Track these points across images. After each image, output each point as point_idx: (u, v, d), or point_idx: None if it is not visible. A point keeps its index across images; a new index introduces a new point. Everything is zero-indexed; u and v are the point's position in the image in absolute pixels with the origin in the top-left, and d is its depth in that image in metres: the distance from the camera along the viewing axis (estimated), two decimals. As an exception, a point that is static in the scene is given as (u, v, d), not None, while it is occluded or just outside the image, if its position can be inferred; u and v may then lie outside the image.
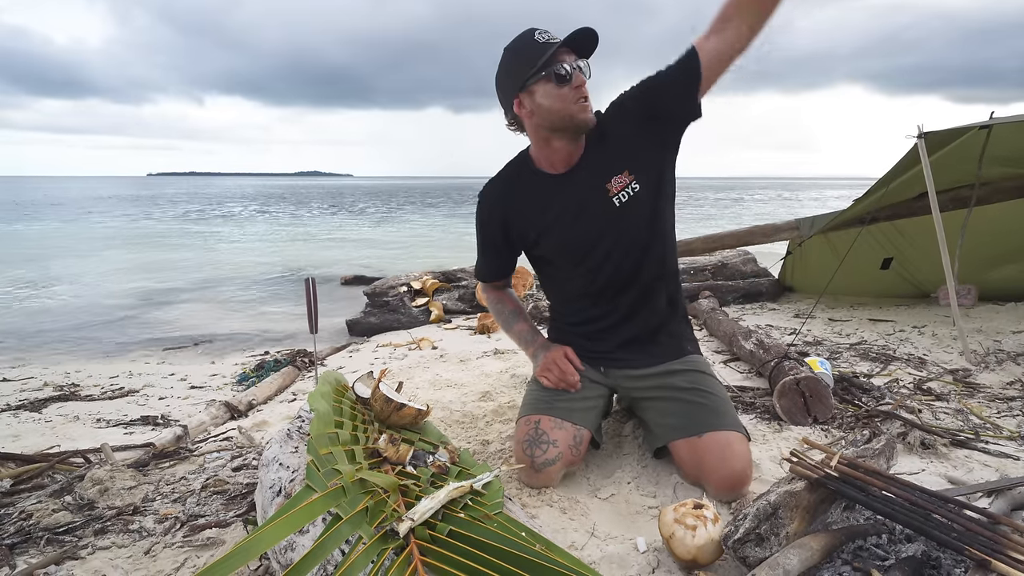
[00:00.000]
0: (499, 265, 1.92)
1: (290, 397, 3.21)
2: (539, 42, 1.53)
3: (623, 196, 1.64)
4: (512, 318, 1.93)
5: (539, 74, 1.53)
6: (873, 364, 2.92)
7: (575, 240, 1.71)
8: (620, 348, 1.78)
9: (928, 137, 3.05)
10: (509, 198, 1.76)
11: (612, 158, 1.65)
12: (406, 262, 10.73)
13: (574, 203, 1.67)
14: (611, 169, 1.65)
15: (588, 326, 1.81)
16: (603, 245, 1.69)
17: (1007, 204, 3.89)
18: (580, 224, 1.69)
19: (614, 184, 1.64)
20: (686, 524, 1.27)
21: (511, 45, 1.58)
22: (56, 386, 3.67)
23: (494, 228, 1.81)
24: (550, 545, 1.05)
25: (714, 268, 5.05)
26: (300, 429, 1.48)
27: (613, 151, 1.65)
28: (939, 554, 1.17)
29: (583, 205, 1.67)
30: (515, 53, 1.57)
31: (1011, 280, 4.19)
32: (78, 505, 1.68)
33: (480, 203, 1.83)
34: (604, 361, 1.80)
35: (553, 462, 1.64)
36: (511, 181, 1.76)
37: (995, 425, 2.12)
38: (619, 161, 1.64)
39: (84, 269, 10.25)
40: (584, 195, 1.67)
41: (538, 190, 1.71)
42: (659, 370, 1.75)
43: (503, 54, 1.60)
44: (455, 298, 5.18)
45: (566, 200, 1.68)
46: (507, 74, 1.59)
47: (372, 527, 1.03)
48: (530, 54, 1.53)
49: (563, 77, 1.52)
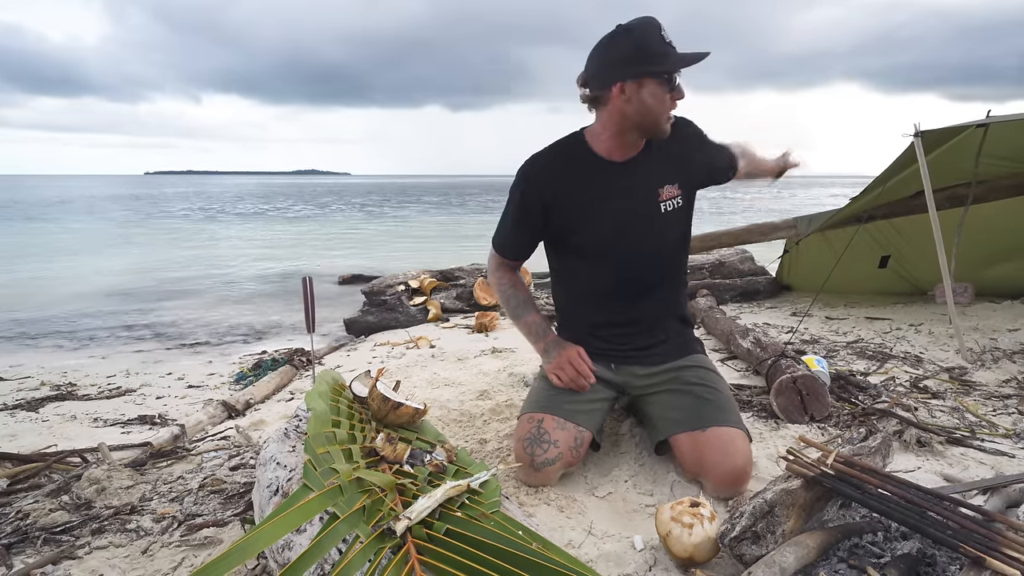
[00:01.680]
0: (525, 241, 1.81)
1: (287, 396, 3.20)
2: (666, 41, 1.54)
3: (668, 205, 1.72)
4: (523, 308, 1.84)
5: (660, 75, 1.55)
6: (870, 362, 2.93)
7: (616, 232, 1.71)
8: (632, 346, 1.80)
9: (925, 136, 3.06)
10: (560, 175, 1.71)
11: (668, 168, 1.72)
12: (404, 261, 10.73)
13: (625, 196, 1.70)
14: (664, 177, 1.72)
15: (603, 324, 1.81)
16: (639, 245, 1.73)
17: (1004, 202, 3.90)
18: (625, 218, 1.71)
19: (665, 191, 1.72)
20: (683, 522, 1.27)
21: (635, 32, 1.55)
22: (53, 385, 3.66)
23: (534, 201, 1.72)
24: (547, 543, 1.05)
25: (712, 266, 5.06)
26: (297, 428, 1.48)
27: (671, 161, 1.72)
28: (934, 551, 1.18)
29: (633, 202, 1.70)
30: (640, 44, 1.54)
31: (1007, 278, 4.20)
32: (75, 505, 1.67)
33: (524, 174, 1.74)
34: (615, 358, 1.80)
35: (552, 462, 1.64)
36: (564, 158, 1.72)
37: (991, 423, 2.12)
38: (673, 173, 1.73)
39: (79, 268, 10.23)
40: (635, 192, 1.70)
41: (590, 172, 1.70)
42: (667, 367, 1.78)
43: (621, 35, 1.57)
44: (453, 297, 5.18)
45: (618, 190, 1.70)
46: (623, 57, 1.56)
47: (369, 526, 1.03)
48: (657, 52, 1.54)
49: (675, 89, 1.59)
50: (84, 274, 9.60)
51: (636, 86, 1.56)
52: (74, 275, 9.49)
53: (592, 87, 1.63)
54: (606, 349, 1.81)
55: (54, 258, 11.64)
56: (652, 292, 1.78)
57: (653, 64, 1.54)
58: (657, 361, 1.79)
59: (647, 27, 1.55)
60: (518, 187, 1.75)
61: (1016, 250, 4.15)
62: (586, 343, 1.80)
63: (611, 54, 1.58)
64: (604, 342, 1.81)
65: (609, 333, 1.81)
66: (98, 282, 8.76)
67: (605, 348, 1.81)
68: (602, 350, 1.80)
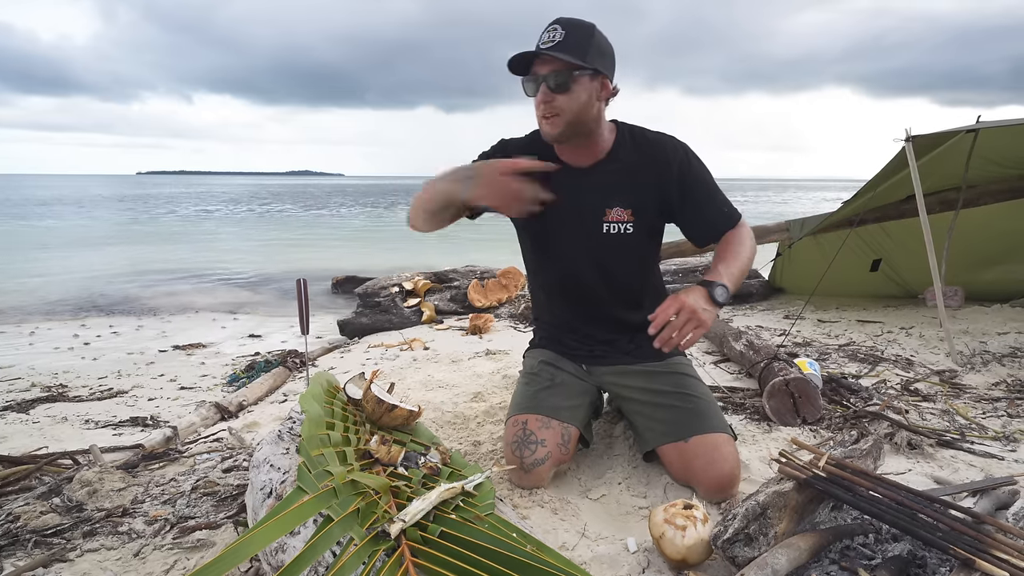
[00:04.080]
0: None
1: (281, 398, 3.19)
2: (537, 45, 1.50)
3: (614, 228, 1.65)
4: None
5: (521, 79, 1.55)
6: (861, 365, 2.95)
7: (553, 234, 1.71)
8: (599, 346, 1.80)
9: (916, 140, 3.09)
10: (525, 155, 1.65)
11: (626, 188, 1.64)
12: (399, 260, 10.71)
13: (570, 204, 1.64)
14: (617, 197, 1.64)
15: (566, 320, 1.82)
16: (576, 255, 1.71)
17: (993, 207, 3.95)
18: (565, 230, 1.69)
19: (612, 213, 1.65)
20: (676, 524, 1.28)
21: None
22: (44, 387, 3.63)
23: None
24: (541, 546, 1.06)
25: (704, 269, 5.07)
26: (291, 430, 1.48)
27: (633, 182, 1.63)
28: (925, 553, 1.19)
29: (575, 215, 1.67)
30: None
31: (997, 282, 4.24)
32: (66, 507, 1.66)
33: (499, 144, 1.71)
34: (585, 359, 1.81)
35: (542, 462, 1.65)
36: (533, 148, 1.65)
37: (980, 426, 2.14)
38: (629, 196, 1.64)
39: (71, 267, 10.16)
40: (581, 205, 1.66)
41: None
42: (640, 369, 1.76)
43: None
44: (447, 299, 5.17)
45: (565, 195, 1.61)
46: None
47: (363, 528, 1.03)
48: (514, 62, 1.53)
49: (529, 90, 1.54)
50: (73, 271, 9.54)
51: None
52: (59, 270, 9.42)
53: None
54: (574, 348, 1.81)
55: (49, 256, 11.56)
56: (603, 302, 1.75)
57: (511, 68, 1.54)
58: (626, 361, 1.77)
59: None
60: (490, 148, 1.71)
61: (1005, 254, 4.19)
62: (556, 339, 1.83)
63: None
64: (577, 343, 1.82)
65: (575, 332, 1.82)
66: (91, 280, 8.71)
67: (573, 346, 1.82)
68: (571, 348, 1.81)
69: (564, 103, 1.51)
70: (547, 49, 1.47)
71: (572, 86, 1.50)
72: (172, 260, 11.30)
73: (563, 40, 1.46)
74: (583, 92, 1.51)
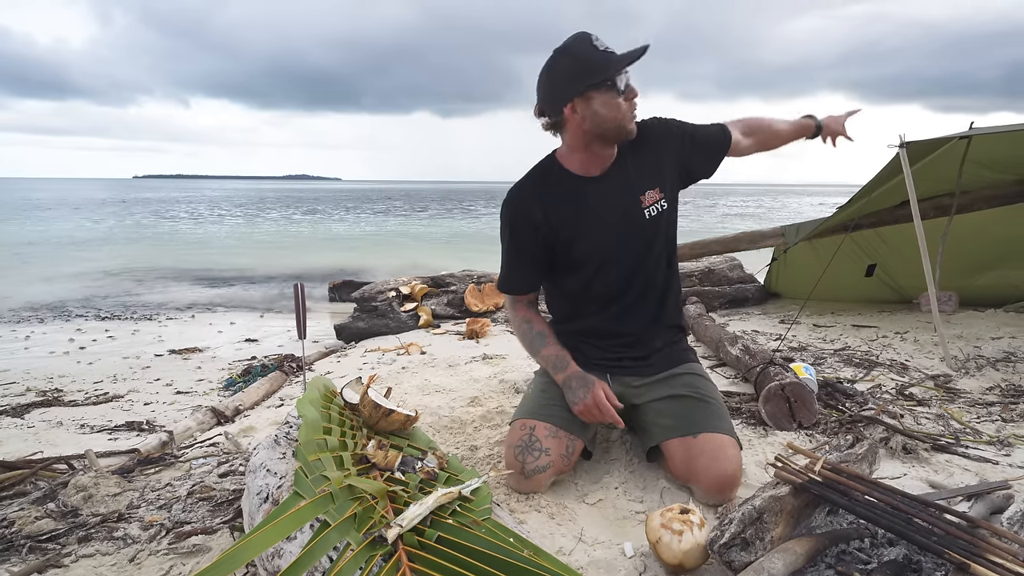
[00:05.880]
0: (530, 274, 1.81)
1: (277, 402, 3.19)
2: (600, 50, 1.54)
3: (653, 210, 1.72)
4: (539, 340, 1.79)
5: (604, 84, 1.55)
6: (856, 370, 2.96)
7: (609, 243, 1.72)
8: (628, 356, 1.81)
9: (910, 146, 3.10)
10: (542, 195, 1.72)
11: (647, 172, 1.72)
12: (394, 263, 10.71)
13: (610, 207, 1.70)
14: (645, 182, 1.72)
15: (598, 335, 1.82)
16: (632, 253, 1.73)
17: (987, 212, 3.97)
18: (616, 229, 1.71)
19: (647, 197, 1.71)
20: (673, 529, 1.28)
21: (569, 50, 1.57)
22: (39, 391, 3.62)
23: (526, 230, 1.73)
24: (538, 551, 1.06)
25: (701, 274, 5.08)
26: (288, 435, 1.48)
27: (650, 166, 1.73)
28: (920, 558, 1.20)
29: (619, 211, 1.71)
30: (576, 59, 1.56)
31: (991, 287, 4.26)
32: (61, 512, 1.65)
33: (508, 206, 1.76)
34: (611, 369, 1.81)
35: (543, 470, 1.65)
36: (542, 183, 1.74)
37: (975, 430, 2.15)
38: (653, 177, 1.73)
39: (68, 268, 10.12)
40: (619, 201, 1.71)
41: (572, 191, 1.71)
42: (661, 376, 1.79)
43: (557, 57, 1.59)
44: (444, 303, 5.17)
45: (602, 202, 1.70)
46: (566, 78, 1.58)
47: (360, 533, 1.03)
48: (594, 62, 1.55)
49: (627, 90, 1.58)
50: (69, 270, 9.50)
51: (585, 101, 1.58)
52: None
53: (547, 114, 1.67)
54: (601, 360, 1.81)
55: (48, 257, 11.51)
56: (645, 302, 1.78)
57: (593, 76, 1.55)
58: (652, 372, 1.79)
59: (580, 42, 1.57)
60: (506, 219, 1.76)
61: (999, 259, 4.21)
62: (582, 353, 1.80)
63: (554, 78, 1.61)
64: (600, 352, 1.82)
65: (604, 344, 1.82)
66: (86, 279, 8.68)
67: (600, 359, 1.81)
68: (598, 360, 1.81)
69: None
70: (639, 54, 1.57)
71: None
72: (168, 264, 11.28)
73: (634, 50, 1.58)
74: None
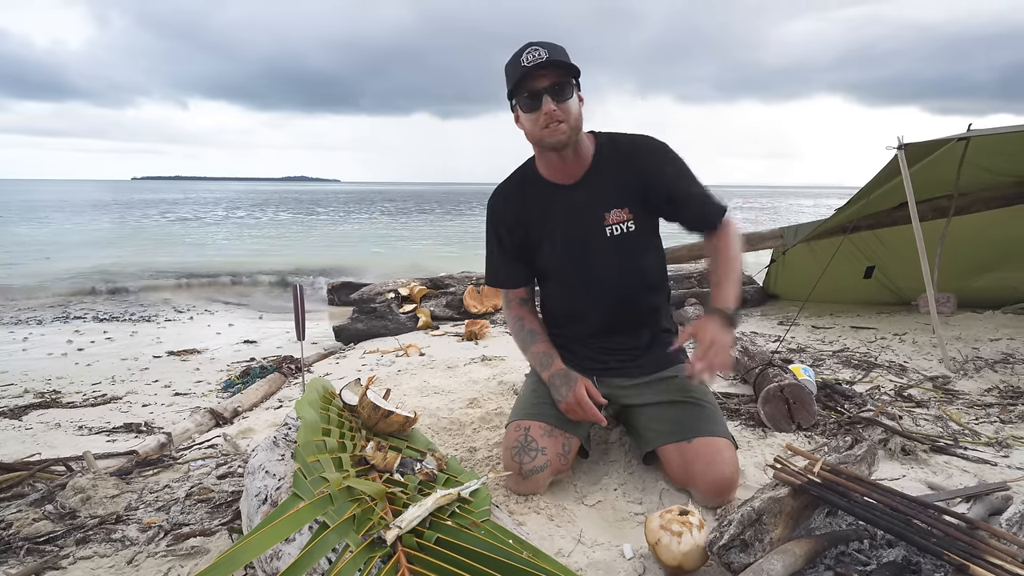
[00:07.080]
0: (510, 268, 1.84)
1: (276, 404, 3.18)
2: (521, 64, 1.55)
3: (616, 230, 1.70)
4: (530, 338, 1.81)
5: (517, 98, 1.60)
6: (855, 371, 2.96)
7: (565, 255, 1.74)
8: (612, 359, 1.81)
9: (908, 148, 3.11)
10: (517, 201, 1.78)
11: (618, 190, 1.70)
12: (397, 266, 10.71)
13: (569, 221, 1.71)
14: (612, 201, 1.70)
15: (582, 338, 1.83)
16: (588, 268, 1.74)
17: (985, 214, 3.98)
18: (573, 244, 1.73)
19: (612, 216, 1.70)
20: (672, 530, 1.28)
21: (507, 65, 1.61)
22: (37, 393, 3.61)
23: (502, 230, 1.79)
24: (537, 552, 1.06)
25: (699, 275, 5.09)
26: (287, 436, 1.48)
27: (622, 185, 1.70)
28: (919, 559, 1.20)
29: (577, 226, 1.71)
30: (507, 76, 1.61)
31: (989, 288, 4.27)
32: (59, 514, 1.65)
33: (490, 206, 1.82)
34: (598, 371, 1.81)
35: (541, 469, 1.65)
36: (518, 185, 1.79)
37: (973, 431, 2.16)
38: (623, 197, 1.70)
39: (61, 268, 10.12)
40: (580, 216, 1.71)
41: (540, 196, 1.74)
42: (650, 378, 1.78)
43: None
44: (443, 305, 5.17)
45: (563, 214, 1.72)
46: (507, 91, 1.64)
47: (359, 535, 1.03)
48: (509, 78, 1.59)
49: (531, 105, 1.58)
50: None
51: (516, 114, 1.64)
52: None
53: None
54: (587, 362, 1.82)
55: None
56: (617, 311, 1.78)
57: (511, 90, 1.60)
58: (638, 373, 1.80)
59: (513, 56, 1.59)
60: (489, 219, 1.83)
61: (997, 260, 4.22)
62: (571, 352, 1.82)
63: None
64: (587, 351, 1.83)
65: (589, 347, 1.82)
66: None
67: (587, 361, 1.82)
68: (584, 363, 1.81)
69: (566, 110, 1.58)
70: (544, 63, 1.54)
71: (572, 93, 1.59)
72: (167, 265, 11.27)
73: (550, 55, 1.55)
74: (576, 98, 1.62)
